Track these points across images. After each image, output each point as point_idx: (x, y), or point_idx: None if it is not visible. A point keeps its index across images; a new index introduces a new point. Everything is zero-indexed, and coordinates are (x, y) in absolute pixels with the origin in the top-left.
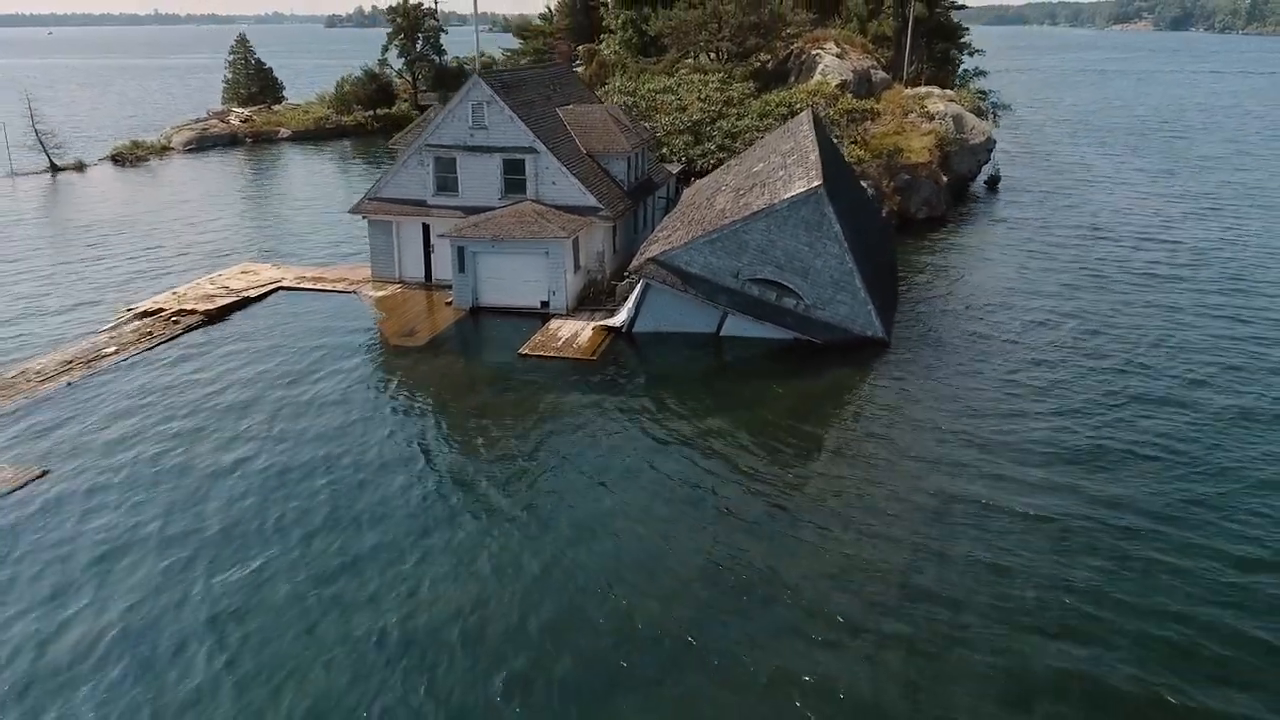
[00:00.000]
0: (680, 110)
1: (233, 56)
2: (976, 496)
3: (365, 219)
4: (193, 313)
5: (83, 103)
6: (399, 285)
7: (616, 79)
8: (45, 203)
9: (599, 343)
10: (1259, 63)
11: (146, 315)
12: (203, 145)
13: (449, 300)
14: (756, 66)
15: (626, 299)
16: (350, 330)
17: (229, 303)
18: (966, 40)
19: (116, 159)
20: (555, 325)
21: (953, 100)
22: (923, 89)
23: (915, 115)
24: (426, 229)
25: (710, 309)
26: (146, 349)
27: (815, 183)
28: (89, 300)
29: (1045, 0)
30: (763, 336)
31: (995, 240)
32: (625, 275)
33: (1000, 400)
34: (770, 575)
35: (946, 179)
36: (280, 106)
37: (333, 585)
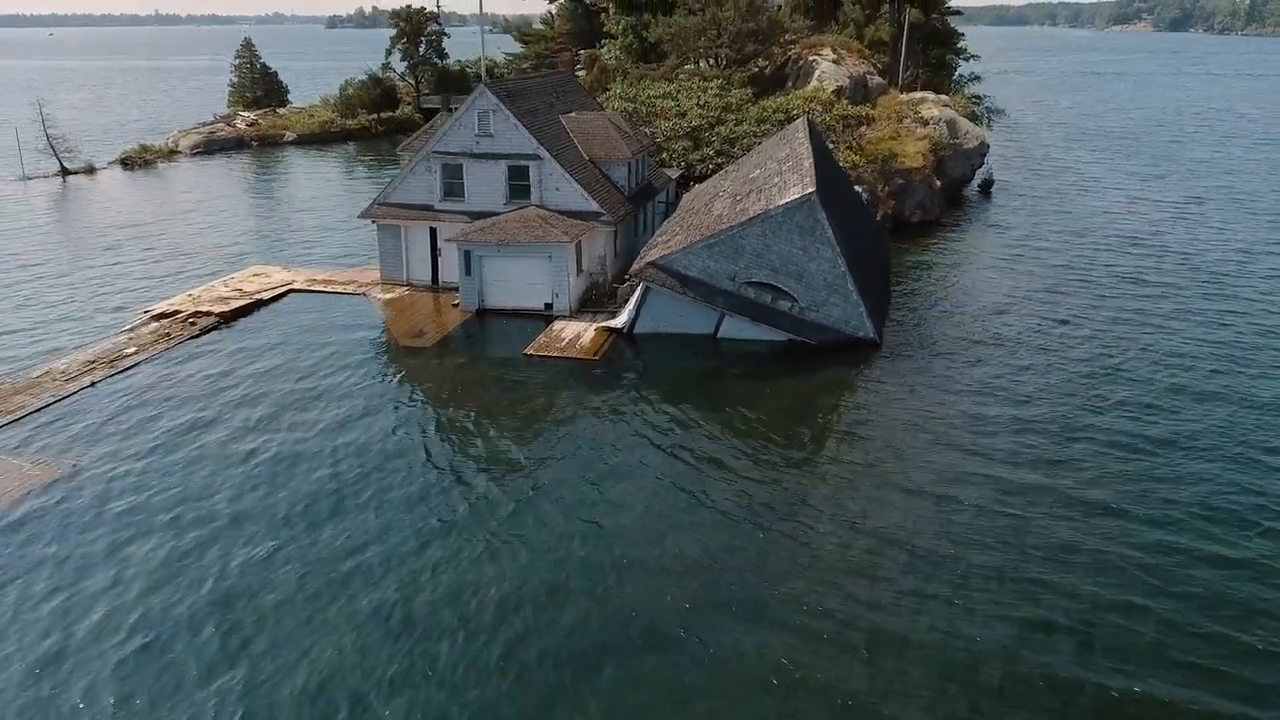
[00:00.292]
0: (680, 116)
1: (238, 60)
2: (961, 493)
3: (374, 223)
4: (208, 314)
5: (87, 106)
6: (407, 288)
7: (617, 85)
8: (58, 207)
9: (601, 343)
10: (1257, 65)
11: (164, 317)
12: (209, 149)
13: (456, 302)
14: (754, 72)
15: (627, 301)
16: (361, 331)
17: (243, 305)
18: (962, 45)
19: (125, 163)
20: (559, 326)
21: (947, 105)
22: (917, 94)
23: (910, 121)
24: (434, 233)
25: (708, 311)
26: (165, 349)
27: (809, 189)
28: (107, 303)
29: (1046, 1)
30: (759, 338)
31: (987, 244)
32: (626, 278)
33: (987, 401)
34: (762, 566)
35: (940, 183)
36: (285, 110)
37: (342, 569)
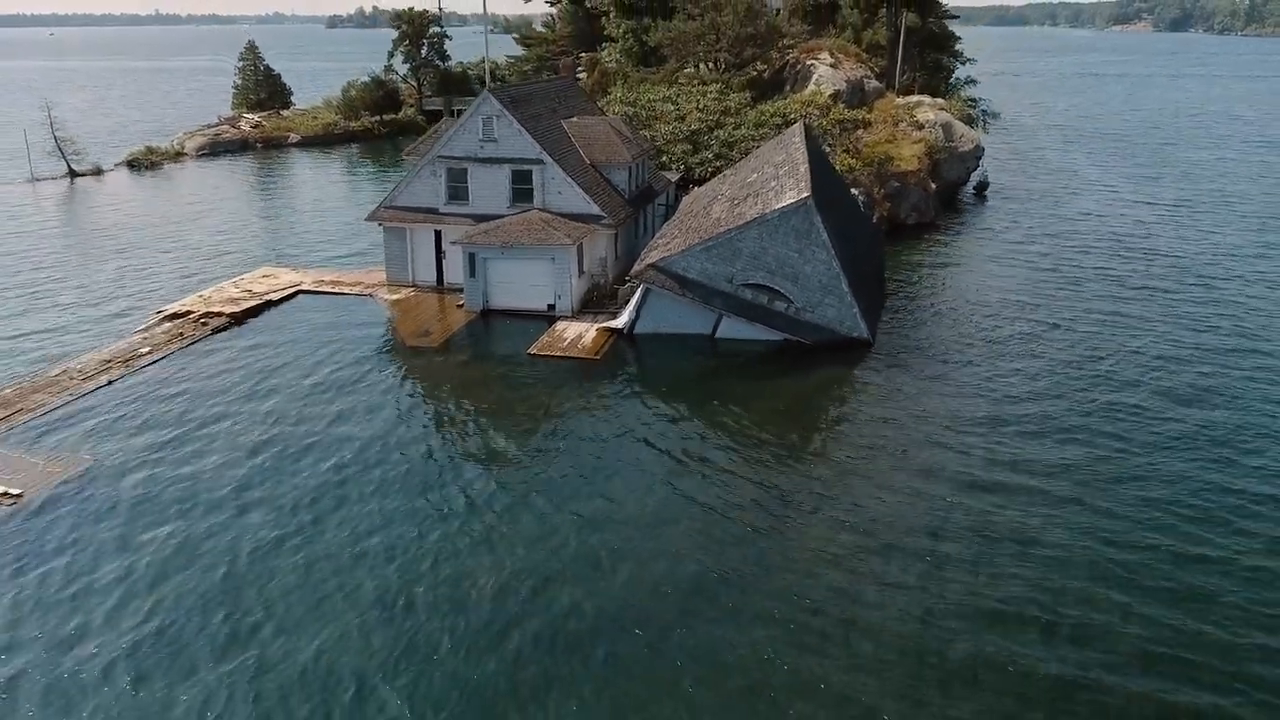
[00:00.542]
0: (679, 120)
1: (242, 63)
2: (946, 490)
3: (381, 226)
4: (220, 315)
5: (89, 107)
6: (412, 289)
7: (618, 89)
8: (68, 209)
9: (602, 343)
10: (1255, 66)
11: (176, 317)
12: (215, 151)
13: (460, 303)
14: (753, 76)
15: (628, 302)
16: (368, 332)
17: (253, 305)
18: (959, 49)
19: (132, 164)
20: (561, 327)
21: (943, 109)
22: (913, 98)
23: (905, 124)
24: (439, 235)
25: (706, 312)
26: (179, 349)
27: (804, 194)
28: (120, 304)
29: (1046, 1)
30: (755, 338)
31: (980, 246)
32: (627, 280)
33: (976, 401)
34: (754, 557)
35: (935, 186)
36: (289, 112)
37: (347, 557)
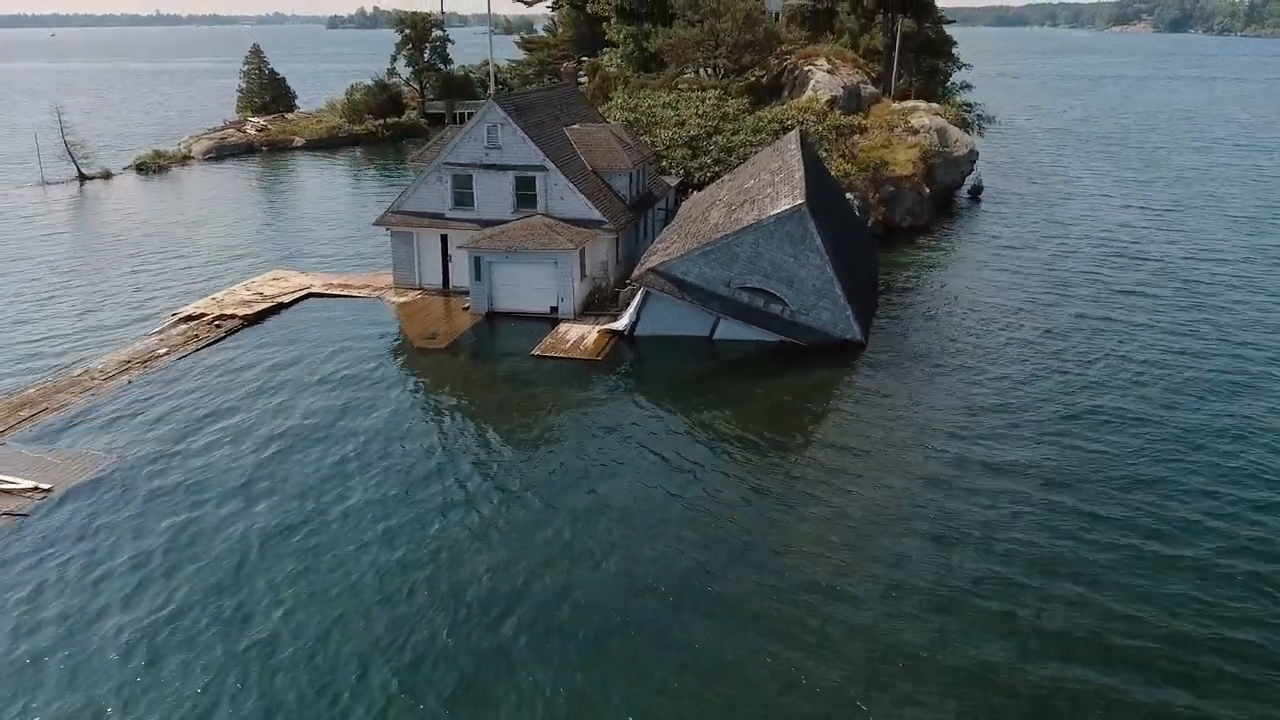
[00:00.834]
0: (679, 125)
1: (247, 66)
2: (931, 487)
3: (388, 230)
4: (233, 317)
5: (93, 110)
6: (419, 292)
7: (619, 94)
8: (79, 212)
9: (604, 345)
10: (1253, 68)
11: (190, 319)
12: (221, 154)
13: (466, 306)
14: (751, 81)
15: (629, 305)
16: (377, 333)
17: (265, 308)
18: (955, 53)
19: (140, 168)
20: (564, 329)
21: (938, 114)
22: (909, 103)
23: (900, 129)
24: (444, 240)
25: (705, 314)
26: (194, 350)
27: (799, 200)
28: (136, 306)
29: (1046, 1)
30: (752, 339)
31: (973, 250)
32: (627, 283)
33: (965, 402)
34: (748, 549)
35: (930, 190)
36: (293, 115)
37: (355, 547)
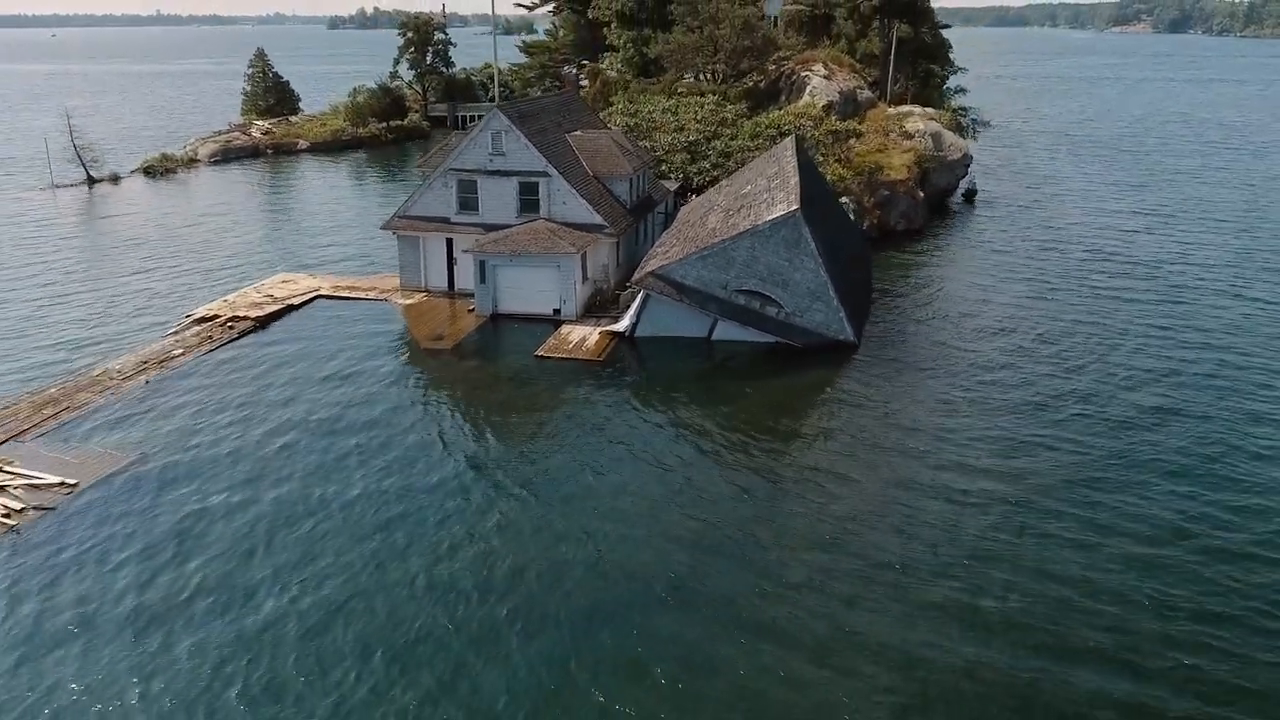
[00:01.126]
0: (678, 130)
1: (251, 70)
2: (922, 478)
3: (395, 234)
4: (245, 319)
5: (96, 112)
6: (425, 294)
7: (619, 99)
8: (90, 215)
9: (605, 346)
10: (1250, 69)
11: (204, 321)
12: (227, 157)
13: (471, 308)
14: (750, 86)
15: (629, 307)
16: (385, 335)
17: (276, 310)
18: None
19: (148, 171)
20: (566, 330)
21: (933, 119)
22: (904, 108)
23: (895, 134)
24: (450, 244)
25: (703, 316)
26: (209, 351)
27: (794, 206)
28: (150, 308)
29: (1046, 2)
30: (748, 340)
31: (966, 253)
32: (628, 286)
33: (951, 398)
34: (742, 542)
35: (924, 194)
36: (297, 118)
37: (370, 542)
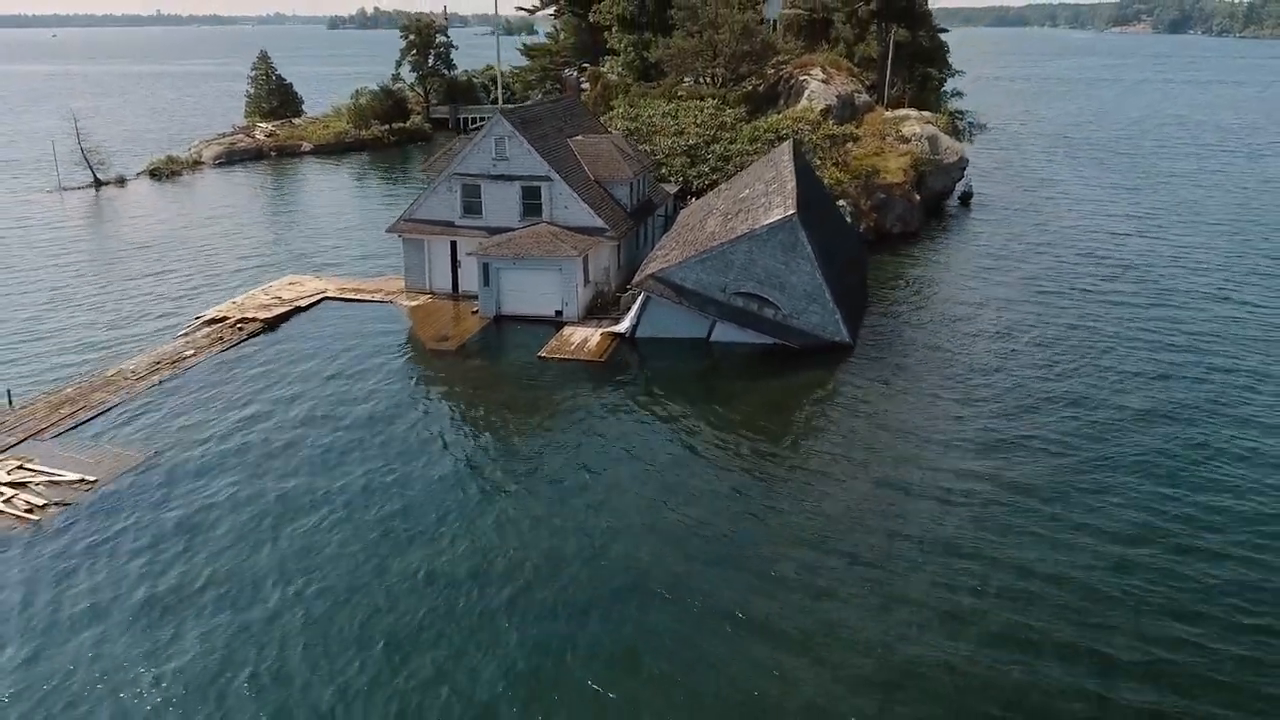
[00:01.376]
0: (678, 134)
1: (254, 72)
2: (911, 478)
3: (400, 237)
4: (253, 320)
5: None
6: (429, 296)
7: (620, 104)
8: (98, 218)
9: (606, 347)
10: (1250, 70)
11: (214, 323)
12: (231, 159)
13: (475, 309)
14: (749, 90)
15: (630, 309)
16: (390, 336)
17: (284, 311)
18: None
19: (154, 173)
20: (568, 332)
21: (929, 122)
22: (901, 112)
23: (892, 138)
24: (454, 246)
25: (701, 318)
26: (219, 352)
27: (790, 211)
28: (161, 310)
29: (1046, 2)
30: (746, 341)
31: (960, 256)
32: (628, 288)
33: (943, 398)
34: (738, 537)
35: (920, 197)
36: (300, 120)
37: (375, 536)
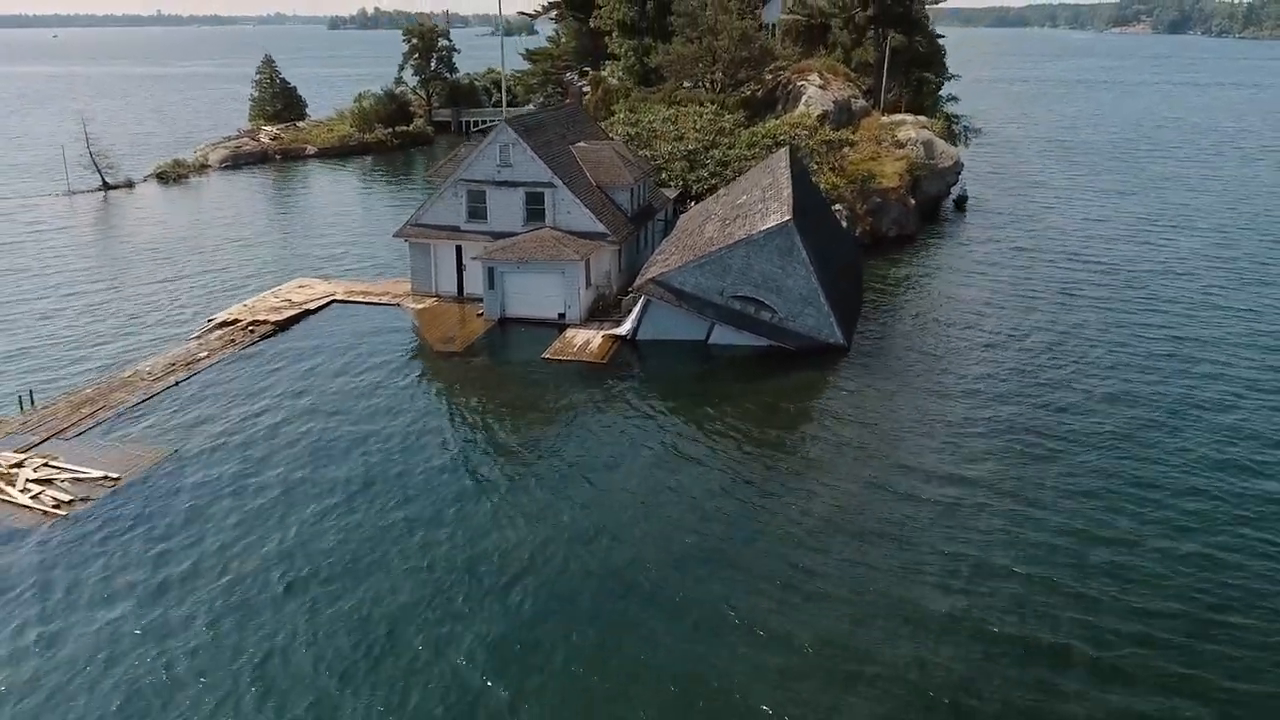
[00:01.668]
0: (678, 140)
1: (259, 76)
2: (902, 478)
3: (407, 242)
4: (264, 323)
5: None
6: (435, 299)
7: (620, 108)
8: (108, 222)
9: (608, 349)
10: (1249, 71)
11: (226, 325)
12: (237, 163)
13: (480, 312)
14: (747, 95)
15: (630, 312)
16: (398, 337)
17: (294, 314)
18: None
19: (161, 177)
20: (571, 334)
21: (925, 127)
22: (897, 116)
23: (888, 143)
24: (459, 251)
25: (700, 321)
26: (232, 353)
27: (787, 216)
28: (173, 313)
29: (1046, 2)
30: (744, 344)
31: (955, 259)
32: (629, 292)
33: (934, 401)
34: (735, 535)
35: (916, 201)
36: (304, 124)
37: (380, 529)
